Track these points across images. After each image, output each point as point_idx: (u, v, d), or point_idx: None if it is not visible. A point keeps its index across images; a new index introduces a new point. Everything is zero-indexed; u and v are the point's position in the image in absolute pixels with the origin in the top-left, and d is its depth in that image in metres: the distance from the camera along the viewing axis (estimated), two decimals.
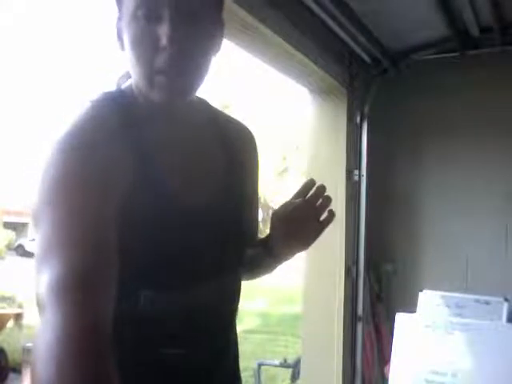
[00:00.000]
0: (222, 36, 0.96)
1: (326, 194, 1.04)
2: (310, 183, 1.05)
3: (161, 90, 0.86)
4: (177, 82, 0.86)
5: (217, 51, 0.94)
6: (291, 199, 1.06)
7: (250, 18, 1.92)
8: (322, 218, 1.05)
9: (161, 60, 0.84)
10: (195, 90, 0.93)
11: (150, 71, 0.85)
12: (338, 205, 2.81)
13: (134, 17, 0.85)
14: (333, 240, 2.77)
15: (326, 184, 1.05)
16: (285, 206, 1.05)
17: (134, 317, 0.87)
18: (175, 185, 0.90)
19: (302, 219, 1.03)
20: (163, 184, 0.88)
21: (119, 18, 0.91)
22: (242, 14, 1.86)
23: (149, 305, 0.87)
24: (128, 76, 0.98)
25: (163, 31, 0.83)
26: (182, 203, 0.89)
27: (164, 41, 0.83)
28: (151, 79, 0.86)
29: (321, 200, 1.04)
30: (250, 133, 1.13)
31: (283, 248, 1.08)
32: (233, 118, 1.13)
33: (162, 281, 0.88)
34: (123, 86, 0.97)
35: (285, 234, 1.05)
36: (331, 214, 1.05)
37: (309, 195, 1.04)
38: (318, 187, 1.04)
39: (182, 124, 0.96)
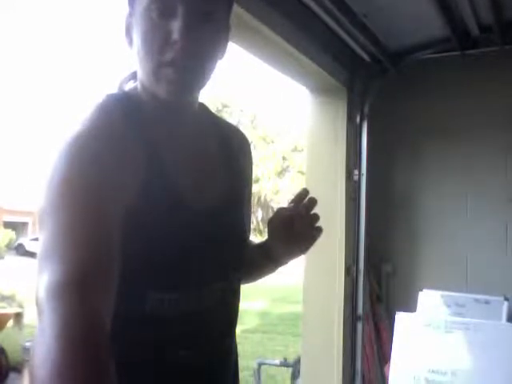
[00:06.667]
0: (228, 41, 0.96)
1: (315, 204, 1.06)
2: (304, 192, 1.06)
3: (166, 84, 0.86)
4: (183, 77, 0.87)
5: (223, 55, 0.95)
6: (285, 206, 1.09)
7: (249, 18, 1.92)
8: (313, 230, 1.07)
9: (170, 54, 0.85)
10: (199, 88, 0.94)
11: (157, 64, 0.86)
12: (338, 204, 2.82)
13: (148, 11, 0.85)
14: (333, 239, 2.78)
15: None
16: (280, 213, 1.07)
17: (141, 317, 0.87)
18: (184, 185, 0.90)
19: (298, 227, 1.06)
20: (172, 184, 0.89)
21: (130, 14, 0.91)
22: (242, 13, 1.86)
23: (155, 306, 0.87)
24: (130, 78, 0.98)
25: (175, 26, 0.84)
26: (191, 204, 0.90)
27: (175, 35, 0.83)
28: (158, 72, 0.86)
29: (312, 212, 1.06)
30: (245, 137, 1.15)
31: (282, 253, 1.11)
32: (229, 122, 1.15)
33: (170, 281, 0.88)
34: (127, 88, 0.97)
35: (282, 241, 1.08)
36: (319, 230, 1.07)
37: (302, 204, 1.06)
38: (309, 199, 1.06)
39: (188, 125, 0.97)
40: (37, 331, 0.64)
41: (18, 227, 24.23)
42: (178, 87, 0.88)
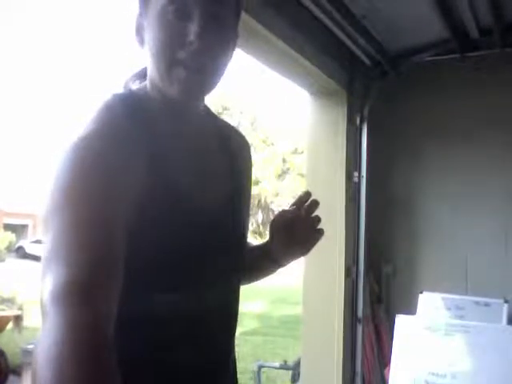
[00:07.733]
0: (235, 46, 0.98)
1: (317, 206, 1.07)
2: (306, 195, 1.07)
3: (179, 83, 0.87)
4: (196, 77, 0.88)
5: (231, 60, 0.96)
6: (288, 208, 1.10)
7: (250, 20, 1.93)
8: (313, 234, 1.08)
9: (184, 54, 0.86)
10: (210, 90, 0.94)
11: (170, 63, 0.87)
12: (338, 206, 2.82)
13: (163, 12, 0.86)
14: (333, 241, 2.77)
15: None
16: (282, 215, 1.09)
17: (141, 317, 0.87)
18: (186, 185, 0.91)
19: (299, 229, 1.07)
20: (174, 184, 0.89)
21: (141, 15, 0.92)
22: (243, 16, 1.86)
23: (155, 306, 0.87)
24: (136, 77, 0.98)
25: (192, 29, 0.85)
26: (192, 204, 0.90)
27: (192, 37, 0.85)
28: (170, 72, 0.87)
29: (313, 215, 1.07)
30: (245, 138, 1.16)
31: (283, 254, 1.11)
32: (229, 124, 1.16)
33: (170, 282, 0.88)
34: (134, 88, 0.97)
35: (284, 243, 1.09)
36: (320, 232, 1.08)
37: (304, 206, 1.07)
38: (310, 202, 1.07)
39: (191, 126, 0.97)
40: (41, 332, 0.65)
41: (18, 229, 24.23)
42: (191, 87, 0.89)
